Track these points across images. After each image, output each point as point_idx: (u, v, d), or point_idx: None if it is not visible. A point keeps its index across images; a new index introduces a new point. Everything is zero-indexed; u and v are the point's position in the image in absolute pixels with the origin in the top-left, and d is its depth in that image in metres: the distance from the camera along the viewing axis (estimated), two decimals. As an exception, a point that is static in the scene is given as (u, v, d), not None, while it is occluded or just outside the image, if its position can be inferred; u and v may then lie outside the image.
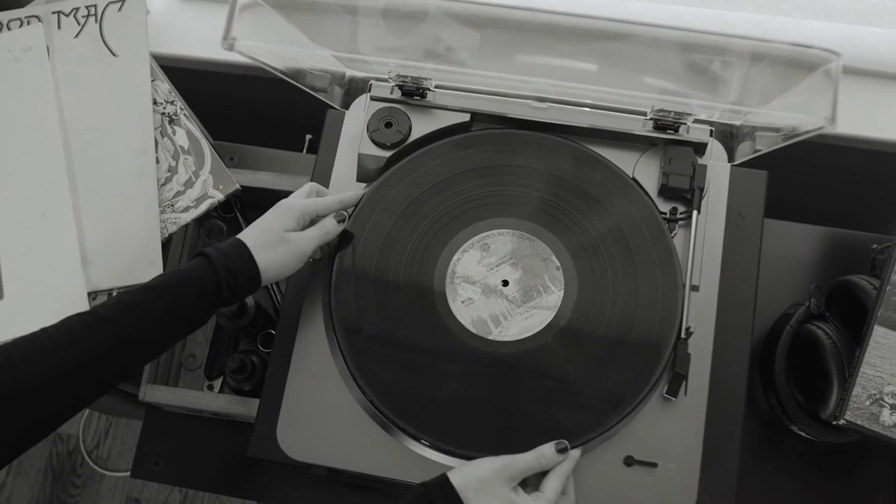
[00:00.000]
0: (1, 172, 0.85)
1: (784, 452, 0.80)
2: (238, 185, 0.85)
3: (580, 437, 0.64)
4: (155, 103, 0.88)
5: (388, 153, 0.76)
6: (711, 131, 0.74)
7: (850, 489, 0.79)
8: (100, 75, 0.88)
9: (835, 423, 0.67)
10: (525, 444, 0.62)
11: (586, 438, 0.65)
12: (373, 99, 0.77)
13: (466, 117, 0.76)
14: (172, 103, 0.88)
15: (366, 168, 0.76)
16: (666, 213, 0.72)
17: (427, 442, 0.66)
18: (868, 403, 0.66)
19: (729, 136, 0.75)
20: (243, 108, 1.08)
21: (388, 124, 0.76)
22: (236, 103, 1.05)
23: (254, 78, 0.92)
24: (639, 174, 0.74)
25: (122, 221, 0.83)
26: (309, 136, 0.95)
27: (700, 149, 0.74)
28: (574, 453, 0.63)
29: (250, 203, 0.90)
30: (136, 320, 0.60)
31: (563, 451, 0.62)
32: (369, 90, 0.78)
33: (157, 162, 0.86)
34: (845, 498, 0.79)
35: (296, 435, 0.68)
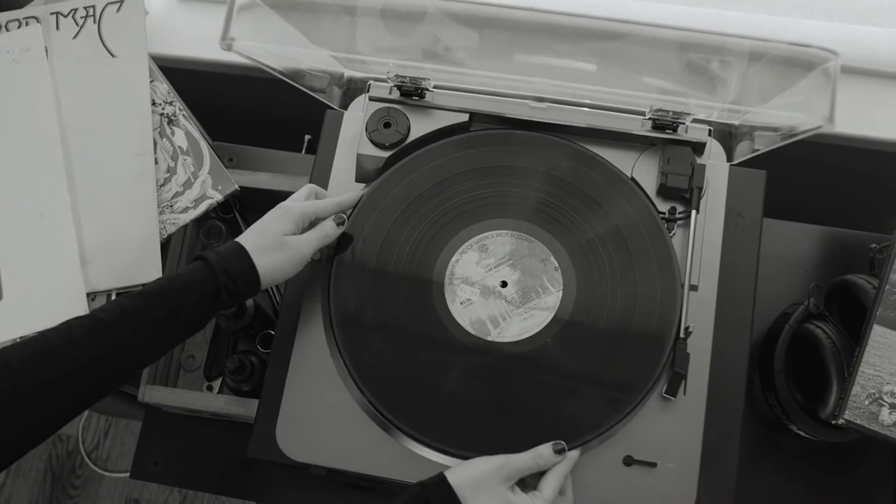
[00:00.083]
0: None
1: (783, 452, 0.80)
2: (237, 186, 0.85)
3: (580, 436, 0.64)
4: (153, 104, 0.88)
5: (386, 153, 0.76)
6: (710, 131, 0.74)
7: (850, 488, 0.79)
8: (98, 76, 0.88)
9: (834, 422, 0.67)
10: (525, 444, 0.62)
11: (586, 438, 0.65)
12: (371, 99, 0.77)
13: (465, 117, 0.76)
14: (171, 104, 0.88)
15: (364, 168, 0.76)
16: (665, 213, 0.72)
17: (426, 442, 0.66)
18: (867, 403, 0.66)
19: (727, 136, 0.75)
20: (242, 108, 1.08)
21: (387, 124, 0.76)
22: (235, 104, 1.05)
23: (252, 78, 0.92)
24: (637, 174, 0.74)
25: (121, 222, 0.83)
26: (308, 137, 0.95)
27: (699, 148, 0.74)
28: (572, 454, 0.63)
29: (249, 203, 0.90)
30: (135, 324, 0.60)
31: (560, 451, 0.62)
32: (368, 90, 0.78)
33: (156, 163, 0.86)
34: (845, 497, 0.79)
35: (295, 435, 0.68)
